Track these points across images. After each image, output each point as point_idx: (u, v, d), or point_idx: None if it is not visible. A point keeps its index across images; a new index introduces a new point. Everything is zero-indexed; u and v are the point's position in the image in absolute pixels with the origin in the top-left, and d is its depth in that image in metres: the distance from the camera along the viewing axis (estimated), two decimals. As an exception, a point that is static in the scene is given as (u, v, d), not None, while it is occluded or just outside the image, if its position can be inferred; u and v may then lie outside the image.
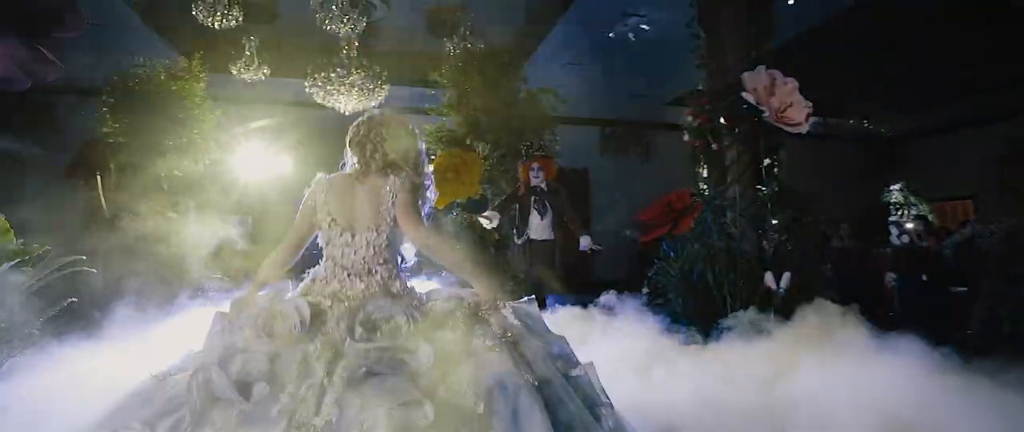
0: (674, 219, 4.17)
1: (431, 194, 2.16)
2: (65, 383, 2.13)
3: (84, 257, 2.47)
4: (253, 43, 7.72)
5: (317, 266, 1.98)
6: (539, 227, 4.79)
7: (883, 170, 10.44)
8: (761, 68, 4.26)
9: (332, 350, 1.62)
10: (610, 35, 7.35)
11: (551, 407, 1.59)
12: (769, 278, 4.02)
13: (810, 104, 4.33)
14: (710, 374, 2.73)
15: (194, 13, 6.27)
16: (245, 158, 10.50)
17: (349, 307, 1.76)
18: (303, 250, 2.06)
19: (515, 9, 8.01)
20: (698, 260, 4.08)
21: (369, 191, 1.97)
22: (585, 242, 4.80)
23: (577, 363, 1.85)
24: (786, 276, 4.06)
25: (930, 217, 8.18)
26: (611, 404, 1.78)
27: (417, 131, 2.13)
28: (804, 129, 4.21)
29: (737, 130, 4.16)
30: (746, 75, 4.21)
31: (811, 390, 2.47)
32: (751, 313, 3.80)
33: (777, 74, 4.34)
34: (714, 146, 4.33)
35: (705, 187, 4.69)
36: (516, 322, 1.84)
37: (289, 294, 1.88)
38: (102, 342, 2.56)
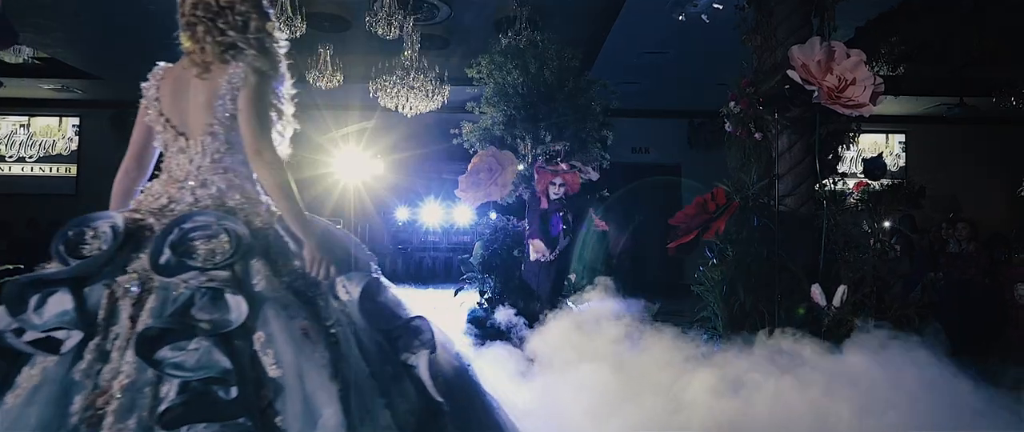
0: (704, 222, 3.61)
1: (286, 88, 1.75)
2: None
3: (22, 266, 2.56)
4: (328, 52, 8.04)
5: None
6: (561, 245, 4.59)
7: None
8: (815, 40, 3.57)
9: (141, 283, 1.36)
10: (680, 18, 6.71)
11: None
12: (816, 292, 3.36)
13: (880, 82, 3.57)
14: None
15: (262, 26, 6.59)
16: (341, 161, 11.11)
17: (165, 225, 1.44)
18: (149, 162, 1.73)
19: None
20: (730, 269, 3.51)
21: (206, 85, 1.61)
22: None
23: (420, 348, 1.48)
24: (840, 290, 3.36)
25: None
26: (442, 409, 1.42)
27: (263, 7, 1.70)
28: (868, 112, 3.46)
29: (775, 115, 3.51)
30: (793, 49, 3.55)
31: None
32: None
33: (839, 46, 3.62)
34: (757, 135, 3.70)
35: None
36: (345, 299, 1.47)
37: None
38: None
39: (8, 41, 2.49)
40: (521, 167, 5.22)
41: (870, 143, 11.01)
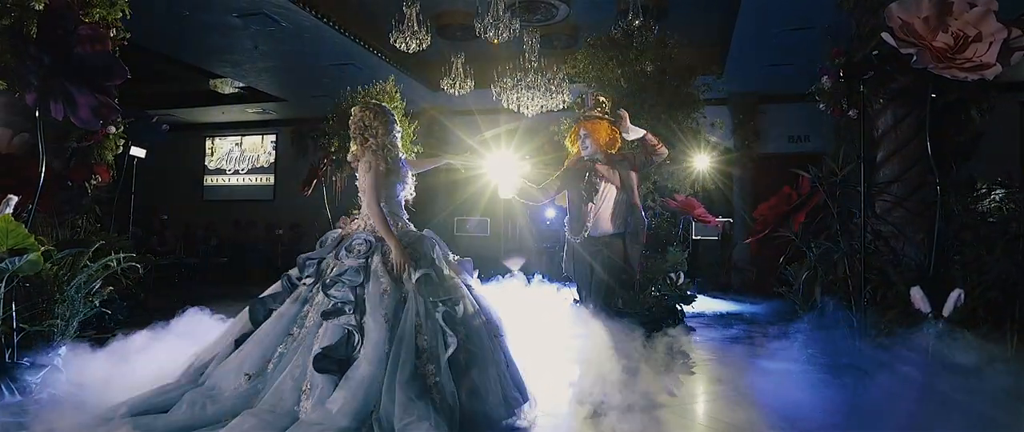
0: (783, 215, 3.16)
1: (407, 179, 3.07)
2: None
3: (134, 255, 3.17)
4: (459, 60, 8.47)
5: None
6: (594, 218, 3.34)
7: None
8: (923, -7, 2.96)
9: (335, 262, 2.83)
10: (816, -12, 5.91)
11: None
12: (917, 296, 2.76)
13: (1020, 34, 2.84)
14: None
15: (393, 41, 7.16)
16: (491, 162, 11.58)
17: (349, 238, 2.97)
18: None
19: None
20: (809, 267, 3.04)
21: (360, 168, 3.00)
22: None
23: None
24: (955, 295, 2.73)
25: None
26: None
27: (388, 120, 3.01)
28: (993, 73, 2.77)
29: (862, 87, 2.93)
30: (892, 7, 2.96)
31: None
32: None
33: (961, -4, 2.95)
34: (851, 113, 3.16)
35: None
36: (414, 279, 2.73)
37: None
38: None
39: (121, 76, 3.06)
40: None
41: None
